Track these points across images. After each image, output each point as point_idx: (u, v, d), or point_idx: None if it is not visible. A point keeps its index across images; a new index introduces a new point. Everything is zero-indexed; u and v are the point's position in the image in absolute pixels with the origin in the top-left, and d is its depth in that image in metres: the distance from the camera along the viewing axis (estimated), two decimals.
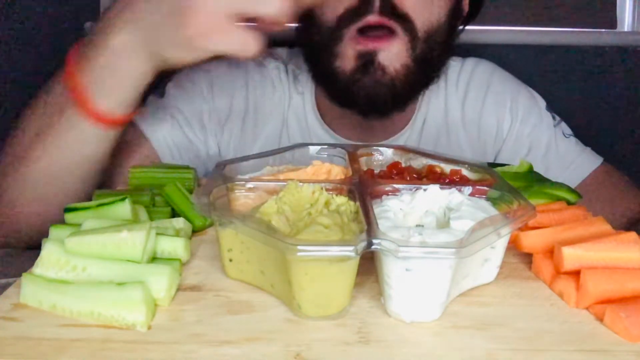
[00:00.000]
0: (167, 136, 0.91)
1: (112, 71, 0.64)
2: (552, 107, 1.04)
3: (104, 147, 0.71)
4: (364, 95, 0.82)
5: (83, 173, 0.71)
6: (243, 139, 0.96)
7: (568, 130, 1.01)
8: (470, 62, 1.03)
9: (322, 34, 0.84)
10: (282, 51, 1.02)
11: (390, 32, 0.80)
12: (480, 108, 0.99)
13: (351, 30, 0.80)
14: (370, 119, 0.89)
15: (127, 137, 0.81)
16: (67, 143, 0.68)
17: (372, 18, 0.79)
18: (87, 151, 0.70)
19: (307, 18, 0.86)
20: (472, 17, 0.97)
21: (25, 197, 0.72)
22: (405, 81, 0.83)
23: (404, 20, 0.81)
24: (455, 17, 0.89)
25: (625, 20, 1.63)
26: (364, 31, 0.80)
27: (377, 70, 0.81)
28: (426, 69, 0.86)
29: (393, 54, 0.81)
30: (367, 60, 0.81)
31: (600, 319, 0.46)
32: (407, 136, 0.97)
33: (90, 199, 0.63)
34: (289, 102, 0.98)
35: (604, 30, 1.63)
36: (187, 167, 0.74)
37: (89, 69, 0.65)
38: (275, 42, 0.99)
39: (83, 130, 0.67)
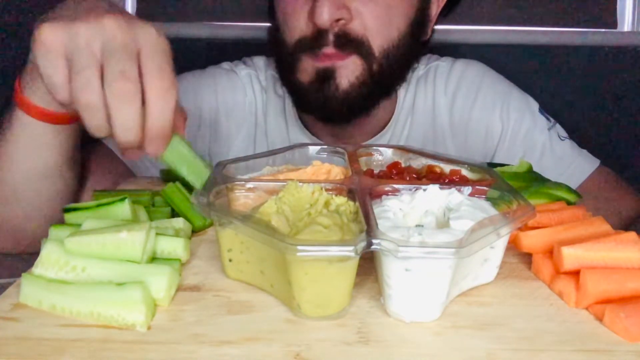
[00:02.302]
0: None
1: (34, 70, 0.63)
2: (551, 107, 1.03)
3: (59, 149, 0.69)
4: (318, 106, 0.86)
5: (44, 185, 0.71)
6: (217, 146, 0.97)
7: (563, 133, 1.00)
8: (461, 63, 1.01)
9: (283, 53, 0.86)
10: (259, 59, 1.04)
11: (344, 53, 0.82)
12: (470, 111, 0.98)
13: (308, 54, 0.83)
14: (331, 125, 0.92)
15: (98, 156, 0.84)
16: (22, 149, 0.68)
17: (328, 50, 0.81)
18: (44, 156, 0.69)
19: (272, 31, 0.89)
20: (450, 10, 0.96)
21: None
22: (360, 94, 0.85)
23: (360, 44, 0.82)
24: (420, 26, 0.89)
25: (625, 20, 1.63)
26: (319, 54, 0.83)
27: (332, 85, 0.83)
28: (385, 80, 0.88)
29: (349, 70, 0.83)
30: (324, 76, 0.83)
31: (599, 318, 0.46)
32: (389, 137, 0.97)
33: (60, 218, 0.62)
34: (265, 106, 0.99)
35: (604, 30, 1.63)
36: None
37: (24, 71, 0.65)
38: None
39: (32, 130, 0.66)
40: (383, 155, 0.67)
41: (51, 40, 0.53)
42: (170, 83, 0.53)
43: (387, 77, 0.87)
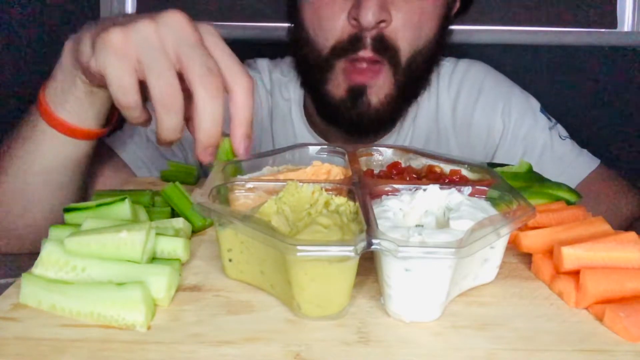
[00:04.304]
0: (143, 157, 0.93)
1: (62, 86, 0.65)
2: (551, 107, 1.03)
3: (77, 161, 0.71)
4: (350, 122, 0.87)
5: (52, 190, 0.72)
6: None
7: (564, 133, 1.00)
8: (464, 63, 1.02)
9: (315, 58, 0.86)
10: (262, 61, 1.04)
11: (378, 64, 0.83)
12: (472, 110, 0.98)
13: (343, 61, 0.84)
14: (356, 136, 0.93)
15: (103, 160, 0.85)
16: (40, 158, 0.69)
17: (364, 53, 0.82)
18: (60, 165, 0.70)
19: (296, 34, 0.88)
20: (461, 14, 0.97)
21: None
22: (389, 110, 0.87)
23: (391, 50, 0.83)
24: (443, 31, 0.90)
25: (625, 20, 1.64)
26: (354, 60, 0.83)
27: (364, 103, 0.85)
28: (409, 89, 0.89)
29: (379, 87, 0.85)
30: (357, 93, 0.85)
31: (599, 318, 0.46)
32: (394, 138, 0.97)
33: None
34: (271, 110, 0.99)
35: (604, 30, 1.63)
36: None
37: (49, 84, 0.67)
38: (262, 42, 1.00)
39: (53, 141, 0.68)
40: (383, 155, 0.67)
41: (121, 42, 0.52)
42: (250, 78, 0.55)
43: (412, 85, 0.89)
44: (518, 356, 0.41)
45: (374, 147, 0.68)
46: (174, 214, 0.64)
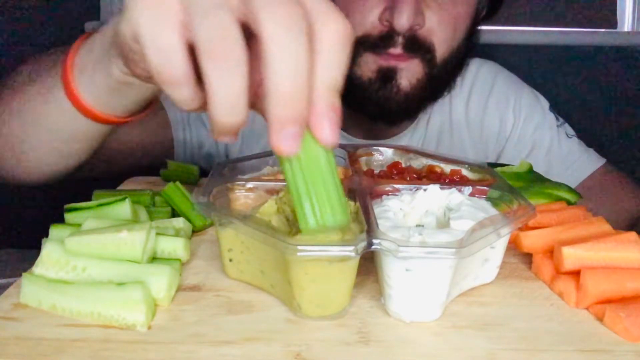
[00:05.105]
0: (187, 135, 0.92)
1: (91, 66, 0.54)
2: (551, 107, 1.05)
3: (91, 141, 0.62)
4: (376, 105, 0.85)
5: (58, 148, 0.63)
6: (249, 138, 0.97)
7: (571, 131, 1.02)
8: (475, 62, 1.03)
9: None
10: None
11: (410, 55, 0.82)
12: (484, 108, 1.00)
13: (370, 51, 0.82)
14: (377, 123, 0.91)
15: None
16: (52, 128, 0.60)
17: (394, 50, 0.81)
18: (63, 127, 0.60)
19: None
20: (488, 18, 0.97)
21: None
22: (418, 97, 0.85)
23: (425, 49, 0.82)
24: (473, 34, 0.90)
25: (625, 20, 1.64)
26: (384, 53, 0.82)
27: (394, 86, 0.83)
28: (439, 84, 0.89)
29: (411, 73, 0.83)
30: (387, 76, 0.82)
31: (600, 318, 0.46)
32: (409, 135, 0.98)
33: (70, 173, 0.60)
34: None
35: (604, 30, 1.63)
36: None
37: (79, 55, 0.55)
38: None
39: (66, 112, 0.57)
40: (383, 155, 0.67)
41: None
42: (347, 22, 0.36)
43: (442, 82, 0.88)
44: (518, 356, 0.41)
45: (374, 147, 0.68)
46: (174, 213, 0.64)
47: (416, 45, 0.81)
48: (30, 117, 0.62)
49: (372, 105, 0.85)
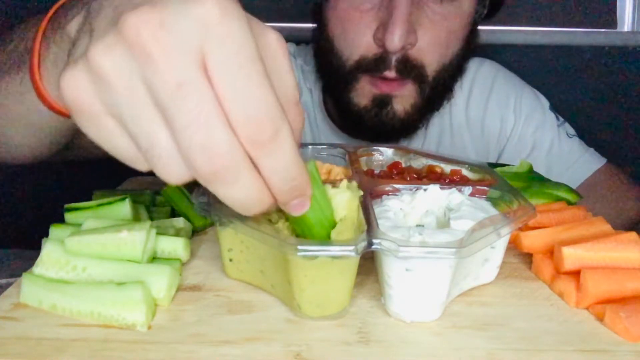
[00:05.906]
0: None
1: (55, 57, 0.47)
2: (551, 106, 1.05)
3: (60, 131, 0.57)
4: (374, 129, 0.86)
5: (26, 136, 0.58)
6: None
7: (572, 131, 1.02)
8: (475, 62, 1.03)
9: (339, 66, 0.85)
10: (289, 46, 1.02)
11: (404, 79, 0.83)
12: (484, 108, 1.00)
13: (367, 76, 0.83)
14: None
15: None
16: (16, 104, 0.54)
17: (389, 74, 0.81)
18: (41, 134, 0.57)
19: (324, 44, 0.86)
20: (488, 18, 0.97)
21: None
22: (414, 118, 0.86)
23: (417, 70, 0.82)
24: (469, 42, 0.89)
25: (625, 20, 1.63)
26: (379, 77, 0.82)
27: (389, 112, 0.84)
28: (435, 99, 0.89)
29: (405, 99, 0.84)
30: (382, 103, 0.84)
31: (600, 318, 0.46)
32: (410, 138, 0.97)
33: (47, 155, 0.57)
34: None
35: (604, 30, 1.63)
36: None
37: (46, 40, 0.48)
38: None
39: (34, 102, 0.49)
40: (383, 155, 0.67)
41: (142, 36, 0.31)
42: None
43: (438, 95, 0.89)
44: (518, 356, 0.41)
45: (374, 147, 0.68)
46: (174, 213, 0.64)
47: (409, 67, 0.82)
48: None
49: (369, 129, 0.87)
